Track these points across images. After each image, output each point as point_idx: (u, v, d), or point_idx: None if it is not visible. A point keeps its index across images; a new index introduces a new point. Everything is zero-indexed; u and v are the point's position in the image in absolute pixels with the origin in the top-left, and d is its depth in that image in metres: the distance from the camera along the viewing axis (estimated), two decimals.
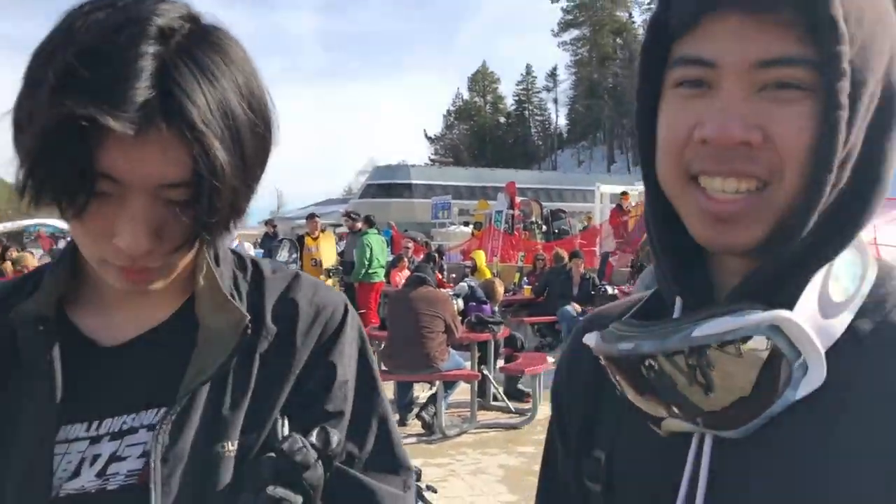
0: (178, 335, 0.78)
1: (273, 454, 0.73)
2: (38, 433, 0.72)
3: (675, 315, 0.64)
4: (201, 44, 0.67)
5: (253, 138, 0.69)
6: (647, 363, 0.58)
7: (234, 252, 0.87)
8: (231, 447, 0.75)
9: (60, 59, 0.62)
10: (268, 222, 17.88)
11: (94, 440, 0.74)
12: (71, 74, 0.61)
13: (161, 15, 0.65)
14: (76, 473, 0.73)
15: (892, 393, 0.54)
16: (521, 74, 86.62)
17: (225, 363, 0.76)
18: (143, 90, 0.61)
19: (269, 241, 15.06)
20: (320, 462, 0.74)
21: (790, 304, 0.56)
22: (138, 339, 0.78)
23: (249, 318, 0.78)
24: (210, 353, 0.76)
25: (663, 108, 0.61)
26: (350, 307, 0.89)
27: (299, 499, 0.71)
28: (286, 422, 0.78)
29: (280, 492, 0.70)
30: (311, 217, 11.58)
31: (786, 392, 0.55)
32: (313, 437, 0.74)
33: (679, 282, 0.65)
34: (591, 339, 0.65)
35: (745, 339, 0.54)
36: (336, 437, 0.76)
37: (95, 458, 0.74)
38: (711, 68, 0.57)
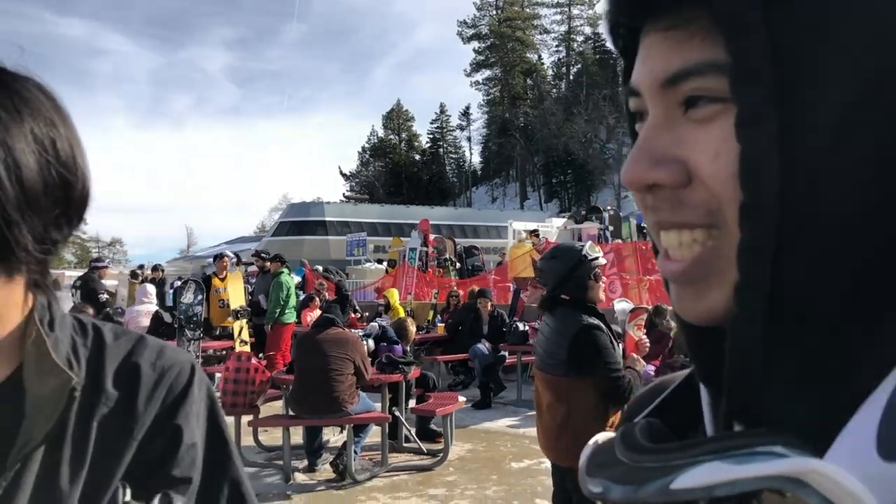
0: (5, 406, 0.72)
1: None
2: None
3: (706, 421, 0.50)
4: None
5: (41, 175, 0.67)
6: None
7: (75, 317, 0.82)
8: None
9: None
10: (140, 268, 15.39)
11: None
12: None
13: None
14: None
15: None
16: (436, 113, 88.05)
17: (53, 430, 0.71)
18: None
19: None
20: None
21: (830, 428, 0.39)
22: None
23: (77, 380, 0.73)
24: (37, 421, 0.71)
25: None
26: (197, 367, 0.85)
27: None
28: (128, 490, 0.74)
29: None
30: (218, 257, 11.23)
31: None
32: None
33: (698, 363, 0.49)
34: (586, 450, 0.48)
35: (751, 494, 0.37)
36: (180, 502, 0.72)
37: None
38: (640, 97, 0.47)
